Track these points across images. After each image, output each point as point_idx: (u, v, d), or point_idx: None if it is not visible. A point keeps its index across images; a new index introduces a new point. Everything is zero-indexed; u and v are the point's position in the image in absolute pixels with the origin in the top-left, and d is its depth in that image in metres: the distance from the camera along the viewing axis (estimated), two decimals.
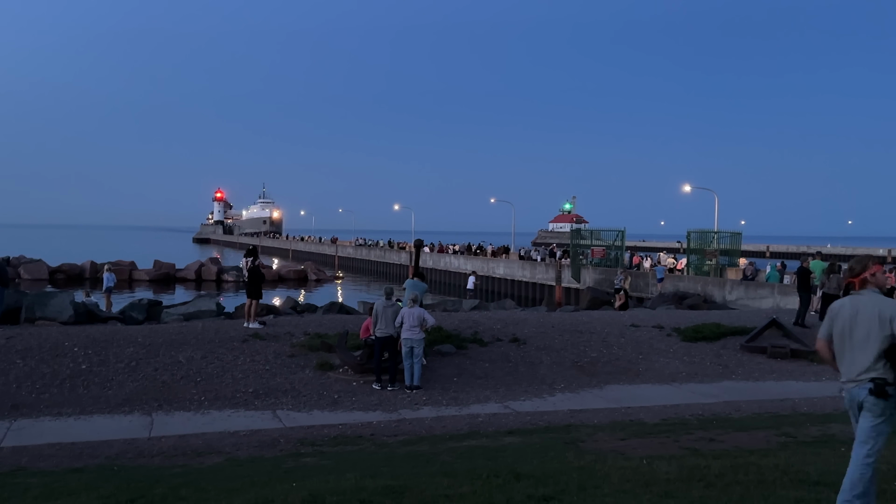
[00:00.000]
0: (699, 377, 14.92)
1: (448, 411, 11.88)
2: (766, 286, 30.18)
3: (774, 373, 15.45)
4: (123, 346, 14.00)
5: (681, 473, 6.35)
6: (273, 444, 9.70)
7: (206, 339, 14.65)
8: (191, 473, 7.76)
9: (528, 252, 61.96)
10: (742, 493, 5.71)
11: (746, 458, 7.14)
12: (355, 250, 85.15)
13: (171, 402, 11.92)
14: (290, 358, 14.14)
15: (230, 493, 6.05)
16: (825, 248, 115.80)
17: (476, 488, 5.90)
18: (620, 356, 15.89)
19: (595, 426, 10.45)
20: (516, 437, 9.64)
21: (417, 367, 13.17)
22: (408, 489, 5.86)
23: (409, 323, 13.01)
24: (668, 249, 78.51)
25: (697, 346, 16.86)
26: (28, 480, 7.47)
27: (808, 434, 9.32)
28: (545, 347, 15.94)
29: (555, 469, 6.68)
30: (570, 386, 13.89)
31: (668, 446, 8.47)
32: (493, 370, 14.51)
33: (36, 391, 12.01)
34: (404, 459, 8.12)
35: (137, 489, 6.35)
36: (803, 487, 5.89)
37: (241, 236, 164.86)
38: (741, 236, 38.11)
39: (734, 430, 9.73)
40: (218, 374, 13.16)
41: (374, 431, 10.48)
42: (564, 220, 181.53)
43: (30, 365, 12.86)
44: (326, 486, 6.00)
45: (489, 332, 16.56)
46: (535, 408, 12.21)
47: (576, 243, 43.49)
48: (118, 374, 12.86)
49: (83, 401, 11.81)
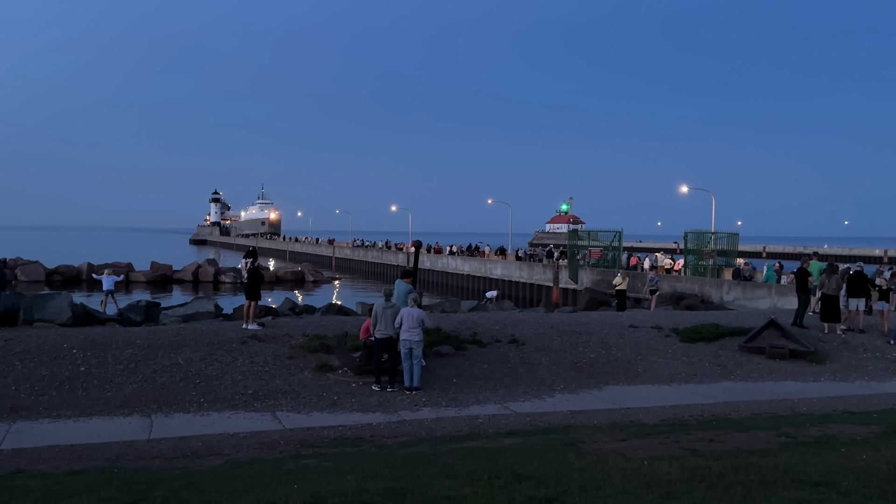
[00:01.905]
0: (698, 378, 14.93)
1: (448, 412, 11.88)
2: (763, 287, 30.23)
3: (773, 373, 15.47)
4: (122, 347, 13.98)
5: (682, 474, 6.35)
6: (273, 446, 9.68)
7: (204, 341, 14.63)
8: (191, 475, 7.75)
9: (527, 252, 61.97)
10: (743, 493, 5.71)
11: (747, 459, 7.14)
12: (352, 251, 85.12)
13: (171, 404, 11.90)
14: (290, 359, 14.13)
15: (231, 495, 6.04)
16: (822, 248, 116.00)
17: (478, 489, 5.89)
18: (619, 357, 15.90)
19: (595, 427, 10.45)
20: (516, 439, 9.64)
21: (417, 369, 13.17)
22: (409, 491, 5.86)
23: (408, 324, 13.01)
24: (665, 250, 78.44)
25: (696, 346, 16.88)
26: (28, 483, 7.45)
27: (808, 434, 9.33)
28: (544, 348, 15.95)
29: (556, 470, 6.68)
30: (569, 387, 13.90)
31: (669, 447, 8.48)
32: (492, 371, 14.51)
33: (35, 393, 11.99)
34: (405, 461, 8.12)
35: (138, 491, 6.33)
36: (804, 488, 5.88)
37: (238, 237, 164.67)
38: (738, 237, 38.15)
39: (734, 431, 9.74)
40: (217, 376, 13.14)
41: (374, 433, 10.48)
42: (561, 220, 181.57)
43: (28, 367, 12.84)
44: (328, 488, 5.99)
45: (488, 333, 16.56)
46: (534, 409, 12.22)
47: (573, 244, 43.52)
48: (117, 376, 12.83)
49: (82, 403, 11.79)
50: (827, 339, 17.93)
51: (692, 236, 37.84)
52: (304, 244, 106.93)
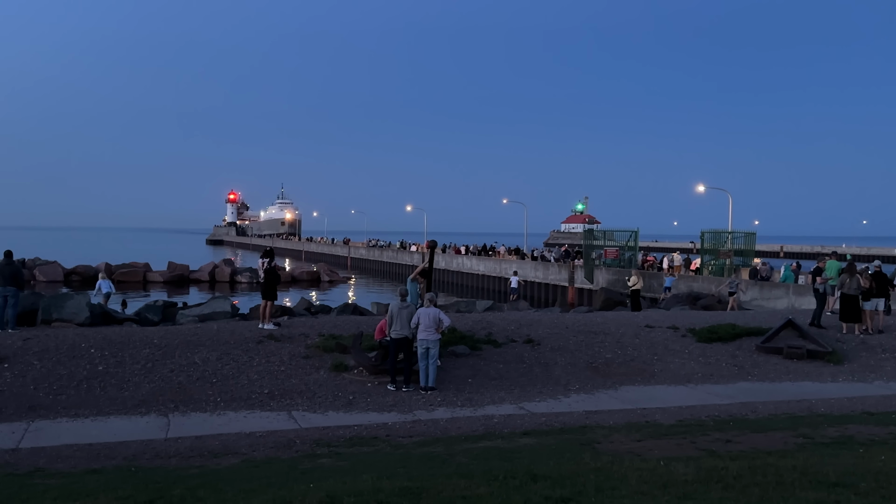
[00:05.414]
0: (715, 378, 14.85)
1: (463, 412, 11.88)
2: (780, 286, 30.03)
3: (791, 374, 15.37)
4: (139, 347, 14.08)
5: (698, 475, 6.32)
6: (289, 445, 9.72)
7: (221, 341, 14.70)
8: (208, 474, 7.79)
9: (541, 253, 61.88)
10: (761, 494, 5.68)
11: (764, 460, 7.10)
12: (368, 251, 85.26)
13: (188, 403, 11.97)
14: (305, 359, 14.18)
15: (248, 494, 6.07)
16: (840, 248, 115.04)
17: (493, 489, 5.88)
18: (635, 357, 15.84)
19: (611, 427, 10.42)
20: (532, 439, 9.63)
21: (433, 369, 13.18)
22: (425, 490, 5.86)
23: (424, 324, 13.02)
24: (682, 250, 78.17)
25: (713, 346, 16.79)
26: (47, 481, 7.52)
27: (826, 435, 9.27)
28: (559, 348, 15.91)
29: (571, 470, 6.66)
30: (584, 387, 13.86)
31: (685, 447, 8.44)
32: (507, 371, 14.49)
33: (53, 392, 12.09)
34: (420, 460, 8.12)
35: (156, 490, 6.37)
36: (822, 489, 5.84)
37: (254, 237, 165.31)
38: (755, 236, 37.96)
39: (751, 432, 9.68)
40: (233, 375, 13.20)
41: (389, 432, 10.49)
42: (577, 220, 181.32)
43: (47, 366, 12.95)
44: (343, 488, 6.01)
45: (503, 333, 16.54)
46: (550, 409, 12.19)
47: (588, 244, 43.41)
48: (134, 376, 12.92)
49: (100, 402, 11.88)
50: (845, 339, 17.79)
51: (709, 236, 37.66)
52: (320, 244, 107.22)
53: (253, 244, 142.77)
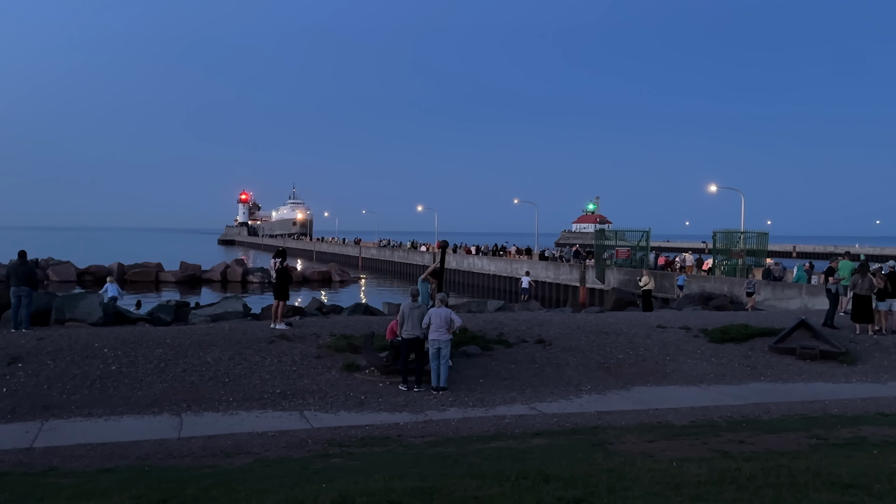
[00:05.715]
0: (727, 379, 14.80)
1: (474, 412, 11.88)
2: (793, 287, 29.89)
3: (804, 374, 15.29)
4: (152, 347, 14.14)
5: (711, 476, 6.30)
6: (301, 445, 9.75)
7: (233, 340, 14.76)
8: (221, 474, 7.82)
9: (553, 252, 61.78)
10: (774, 495, 5.65)
11: (777, 461, 7.06)
12: (379, 251, 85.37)
13: (200, 403, 12.02)
14: (317, 359, 14.21)
15: (260, 493, 6.09)
16: (853, 248, 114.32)
17: (505, 490, 5.88)
18: (647, 357, 15.80)
19: (623, 428, 10.39)
20: (543, 439, 9.62)
21: (444, 369, 13.18)
22: (436, 490, 5.86)
23: (436, 324, 13.02)
24: (694, 250, 77.87)
25: (725, 347, 16.72)
26: (60, 481, 7.56)
27: (839, 436, 9.22)
28: (571, 349, 15.89)
29: (584, 471, 6.65)
30: (596, 387, 13.84)
31: (698, 448, 8.41)
32: (518, 371, 14.48)
33: (67, 392, 12.16)
34: (432, 460, 8.13)
35: (169, 489, 6.40)
36: (836, 490, 5.81)
37: (265, 237, 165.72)
38: (768, 236, 37.77)
39: (764, 432, 9.64)
40: (245, 375, 13.25)
41: (400, 432, 10.51)
42: (588, 220, 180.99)
43: (60, 366, 13.02)
44: (356, 488, 6.02)
45: (514, 333, 16.53)
46: (561, 409, 12.18)
47: (600, 244, 43.32)
48: (147, 375, 12.98)
49: (113, 401, 11.95)
50: (858, 339, 17.69)
51: (721, 236, 37.51)
52: (331, 244, 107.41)
53: (264, 244, 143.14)
